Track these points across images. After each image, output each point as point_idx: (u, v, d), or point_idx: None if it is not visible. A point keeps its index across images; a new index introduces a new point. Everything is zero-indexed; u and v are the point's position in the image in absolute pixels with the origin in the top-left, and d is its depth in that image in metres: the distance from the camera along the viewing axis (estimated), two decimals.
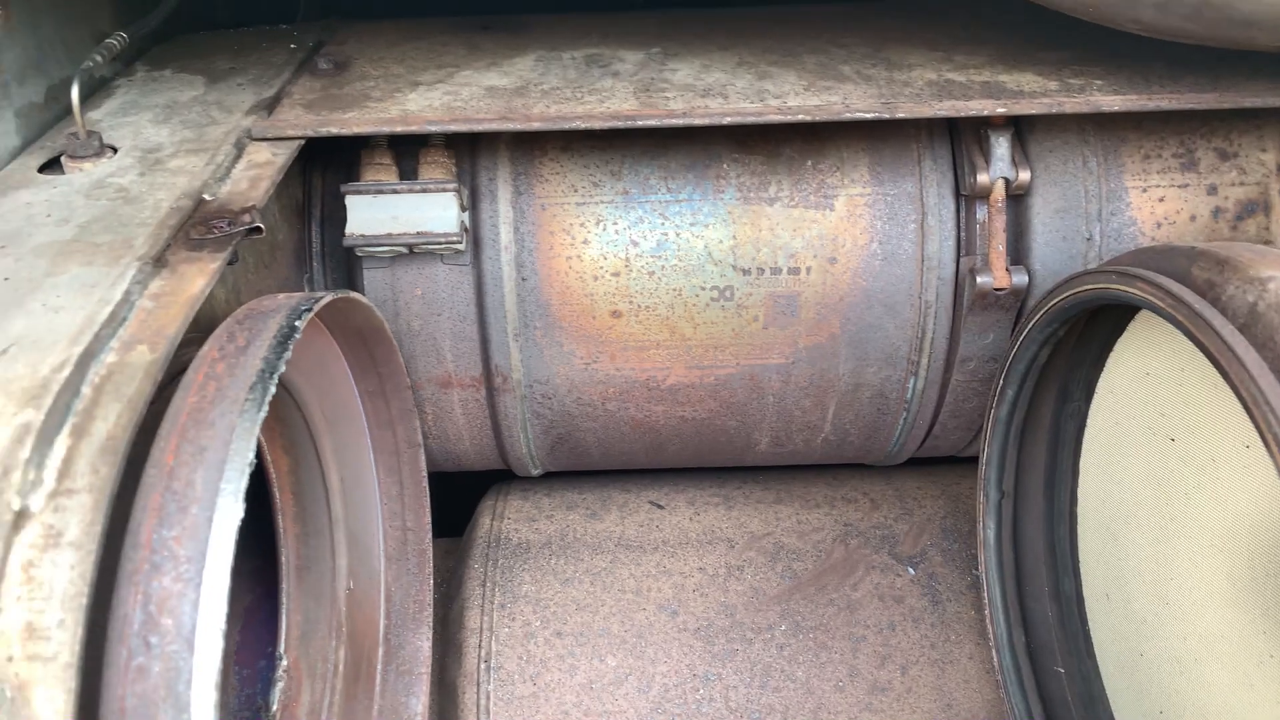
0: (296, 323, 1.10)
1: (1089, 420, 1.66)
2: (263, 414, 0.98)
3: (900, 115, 1.46)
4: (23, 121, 1.54)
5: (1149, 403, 1.48)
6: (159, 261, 1.15)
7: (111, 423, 0.93)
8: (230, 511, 0.91)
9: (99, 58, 1.45)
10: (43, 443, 0.91)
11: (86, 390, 0.96)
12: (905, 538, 1.97)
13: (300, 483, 1.66)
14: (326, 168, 1.75)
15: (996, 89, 1.53)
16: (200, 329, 1.17)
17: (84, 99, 1.62)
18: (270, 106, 1.55)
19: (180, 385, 1.02)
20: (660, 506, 2.03)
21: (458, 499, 2.28)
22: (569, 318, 1.69)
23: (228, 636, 1.88)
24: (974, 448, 1.99)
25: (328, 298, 1.20)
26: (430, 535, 1.76)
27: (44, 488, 0.89)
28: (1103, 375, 1.61)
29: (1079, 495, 1.71)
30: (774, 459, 1.97)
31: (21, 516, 0.87)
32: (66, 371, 0.97)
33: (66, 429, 0.93)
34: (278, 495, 1.65)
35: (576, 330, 1.70)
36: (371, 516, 1.73)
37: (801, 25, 1.84)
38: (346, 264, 1.74)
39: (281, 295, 1.22)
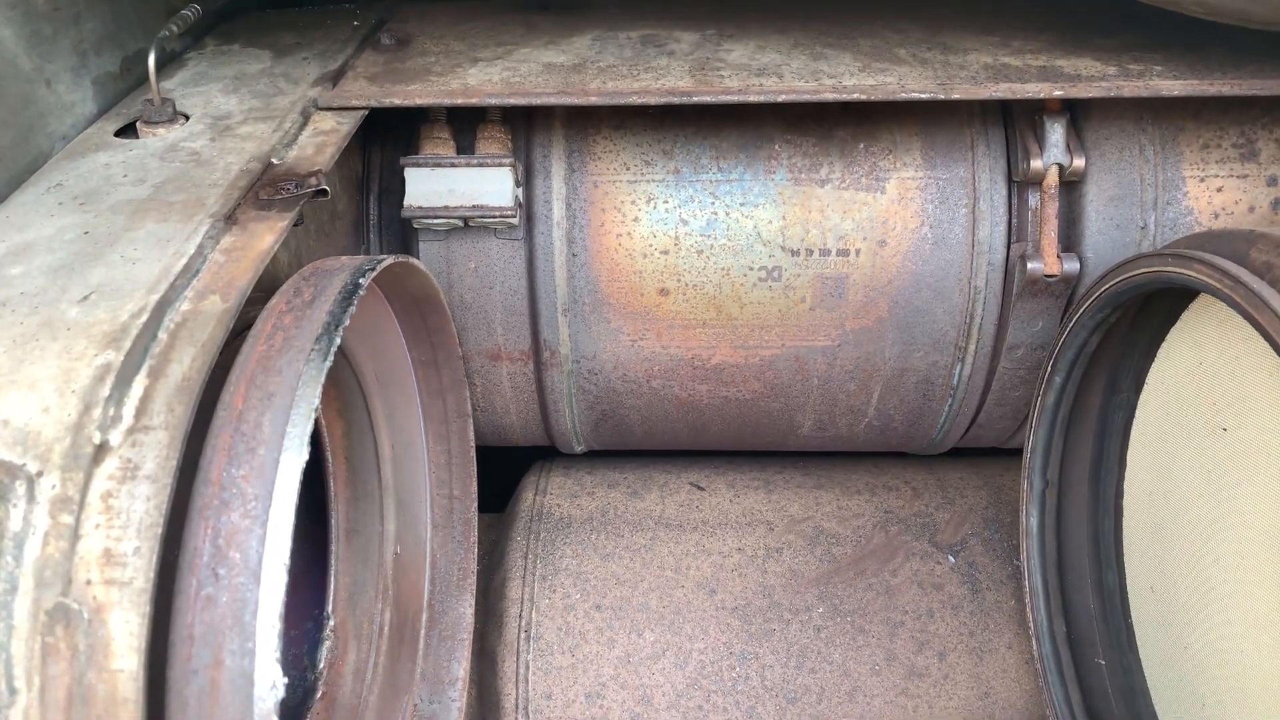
0: (360, 280, 1.13)
1: (1138, 411, 1.65)
2: (328, 364, 1.02)
3: (955, 96, 1.46)
4: (99, 90, 1.60)
5: (1201, 394, 1.46)
6: (230, 219, 1.19)
7: (186, 365, 0.97)
8: (296, 453, 0.95)
9: (174, 28, 1.51)
10: (122, 382, 0.95)
11: (163, 335, 1.01)
12: (946, 526, 1.96)
13: (352, 448, 1.70)
14: (385, 143, 1.79)
15: (1053, 73, 1.52)
16: (263, 289, 1.21)
17: (158, 70, 1.68)
18: (335, 79, 1.59)
19: (250, 335, 1.06)
20: (700, 488, 2.05)
21: (501, 476, 2.32)
22: (617, 294, 1.71)
23: None
24: (1018, 439, 1.98)
25: (389, 260, 1.24)
26: (475, 505, 1.79)
27: (123, 424, 0.93)
28: (1154, 366, 1.59)
29: (1125, 487, 1.69)
30: (817, 443, 1.97)
31: (102, 450, 0.91)
32: (144, 318, 1.01)
33: (144, 370, 0.97)
34: (330, 459, 1.70)
35: (624, 307, 1.72)
36: (420, 484, 1.76)
37: (857, 9, 1.84)
38: (402, 236, 1.77)
39: (344, 257, 1.26)
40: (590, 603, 1.88)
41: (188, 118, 1.49)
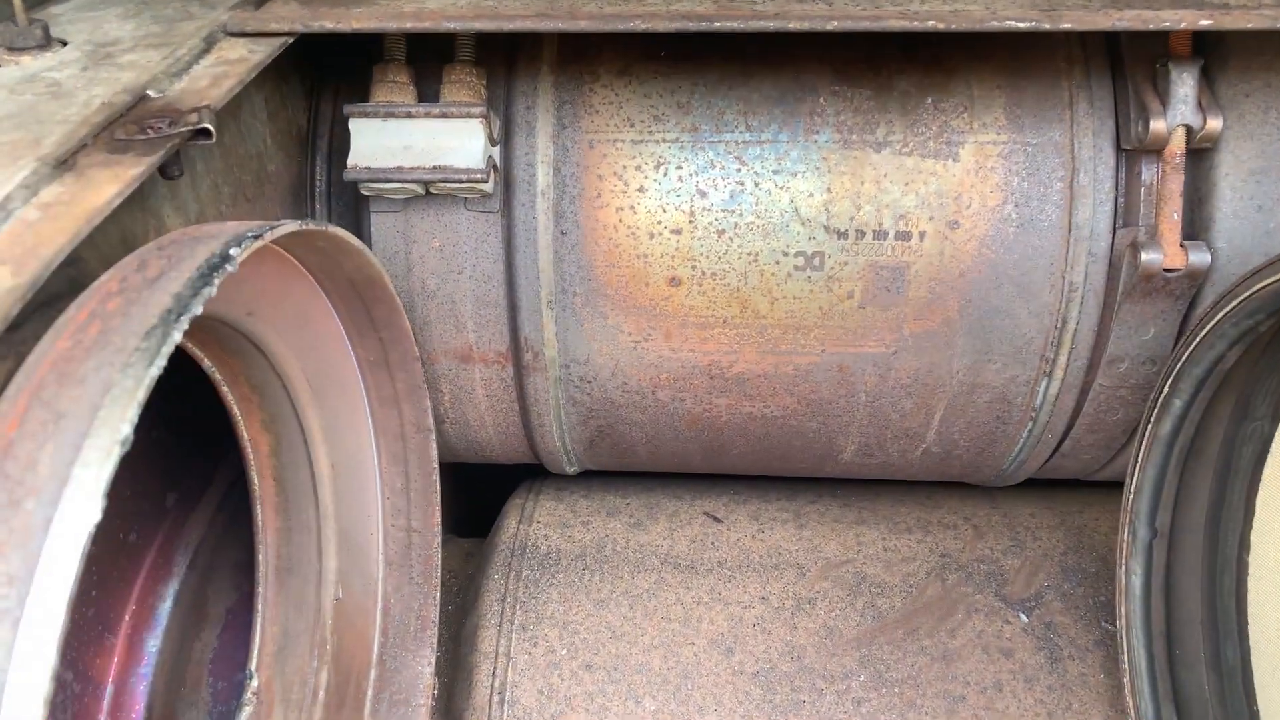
0: (233, 251, 0.80)
1: (1273, 444, 1.34)
2: (155, 371, 0.69)
3: (1064, 27, 1.12)
4: None
5: None
6: (64, 163, 0.87)
7: None
8: (82, 512, 0.62)
9: None
10: None
11: None
12: (1016, 576, 1.68)
13: (283, 467, 1.41)
14: (339, 92, 1.52)
15: None
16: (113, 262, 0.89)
17: None
18: (260, 1, 1.27)
19: (54, 325, 0.73)
20: (717, 519, 1.79)
21: (488, 495, 2.06)
22: (616, 283, 1.44)
23: (205, 644, 1.60)
24: (1108, 471, 1.69)
25: (290, 226, 0.91)
26: (439, 539, 1.51)
27: None
28: None
29: (1252, 539, 1.40)
30: (859, 471, 1.70)
31: None
32: None
33: None
34: (257, 481, 1.40)
35: (625, 299, 1.45)
36: (369, 513, 1.49)
37: None
38: (355, 207, 1.47)
39: (232, 222, 0.93)
40: (579, 661, 1.60)
41: (65, 44, 1.18)
